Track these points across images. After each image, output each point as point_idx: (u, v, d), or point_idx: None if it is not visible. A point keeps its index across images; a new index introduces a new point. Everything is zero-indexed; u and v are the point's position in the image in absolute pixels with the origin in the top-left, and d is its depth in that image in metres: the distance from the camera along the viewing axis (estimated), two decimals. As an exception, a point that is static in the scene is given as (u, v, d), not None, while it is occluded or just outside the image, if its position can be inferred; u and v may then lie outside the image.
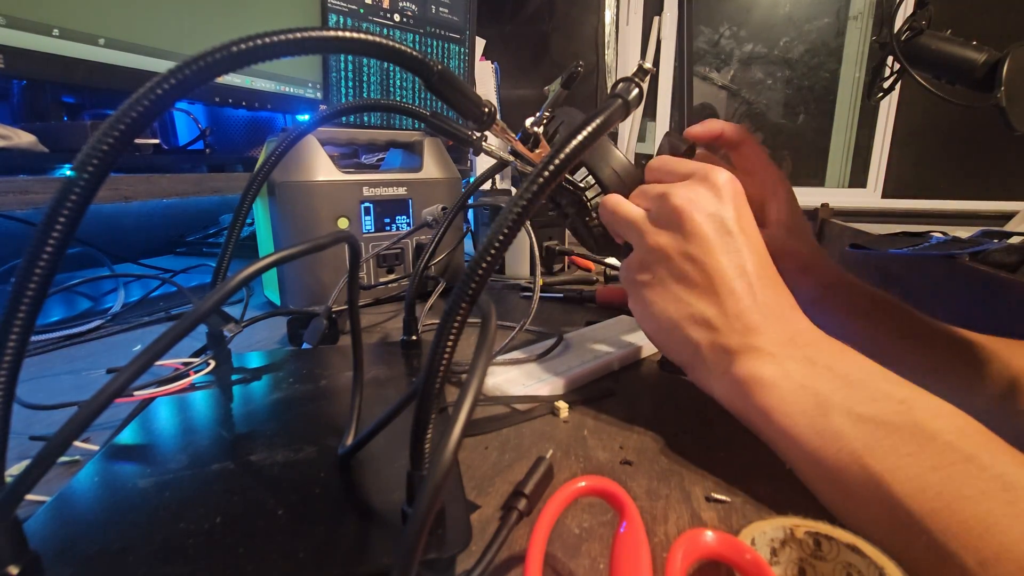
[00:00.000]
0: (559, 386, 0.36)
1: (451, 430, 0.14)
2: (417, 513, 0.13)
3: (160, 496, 0.22)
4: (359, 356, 0.26)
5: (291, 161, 0.51)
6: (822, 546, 0.19)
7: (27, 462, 0.14)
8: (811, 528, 0.20)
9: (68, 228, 0.14)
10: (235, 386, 0.34)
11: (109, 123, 0.14)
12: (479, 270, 0.17)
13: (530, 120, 0.47)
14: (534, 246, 0.41)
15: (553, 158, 0.19)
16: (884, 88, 0.70)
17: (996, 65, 0.62)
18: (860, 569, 0.18)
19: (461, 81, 0.26)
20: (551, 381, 0.36)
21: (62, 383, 0.39)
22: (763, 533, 0.20)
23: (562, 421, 0.32)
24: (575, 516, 0.23)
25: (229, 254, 0.34)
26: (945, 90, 0.70)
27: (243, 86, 0.71)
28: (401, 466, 0.19)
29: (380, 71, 0.89)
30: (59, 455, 0.14)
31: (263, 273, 0.18)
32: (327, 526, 0.20)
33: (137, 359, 0.14)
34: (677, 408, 0.34)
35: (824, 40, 2.48)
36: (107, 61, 0.56)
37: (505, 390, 0.35)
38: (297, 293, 0.53)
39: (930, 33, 0.65)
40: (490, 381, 0.36)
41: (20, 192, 0.46)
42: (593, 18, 1.97)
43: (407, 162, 0.63)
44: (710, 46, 2.55)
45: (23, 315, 0.14)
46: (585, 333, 0.45)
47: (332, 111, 0.35)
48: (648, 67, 0.27)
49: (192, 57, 0.15)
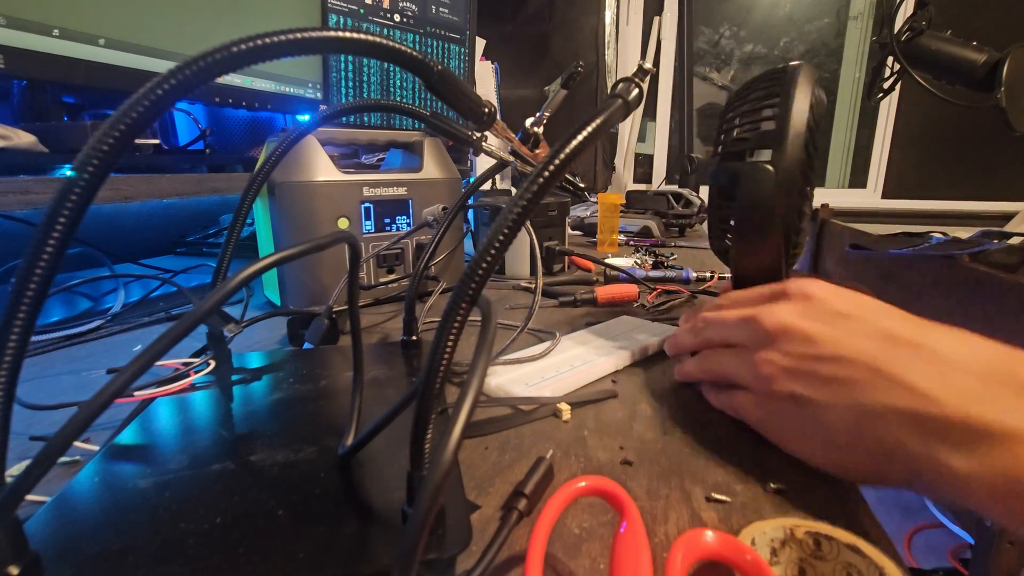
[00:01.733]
0: (562, 387, 0.36)
1: (451, 430, 0.14)
2: (417, 513, 0.13)
3: (160, 496, 0.22)
4: (359, 356, 0.26)
5: (291, 161, 0.51)
6: (822, 546, 0.19)
7: (27, 462, 0.14)
8: (811, 528, 0.20)
9: (68, 228, 0.14)
10: (235, 386, 0.34)
11: (109, 123, 0.14)
12: (479, 270, 0.17)
13: (530, 120, 0.47)
14: (535, 246, 0.41)
15: (553, 158, 0.19)
16: (884, 88, 0.70)
17: (996, 65, 0.62)
18: (860, 569, 0.18)
19: (461, 81, 0.26)
20: (553, 382, 0.35)
21: (62, 383, 0.39)
22: (763, 533, 0.20)
23: (563, 422, 0.32)
24: (575, 516, 0.23)
25: (229, 254, 0.34)
26: (945, 90, 0.70)
27: (243, 86, 0.71)
28: (401, 466, 0.19)
29: (380, 71, 0.89)
30: (59, 455, 0.14)
31: (263, 273, 0.18)
32: (327, 526, 0.20)
33: (137, 359, 0.14)
34: (677, 408, 0.34)
35: (824, 40, 2.48)
36: (107, 61, 0.56)
37: (509, 391, 0.35)
38: (297, 293, 0.53)
39: (930, 33, 0.65)
40: (493, 382, 0.36)
41: (20, 192, 0.46)
42: (593, 18, 1.97)
43: (407, 162, 0.63)
44: (710, 46, 2.55)
45: (23, 315, 0.14)
46: (586, 333, 0.45)
47: (332, 111, 0.35)
48: (648, 67, 0.27)
49: (192, 57, 0.15)
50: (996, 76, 0.68)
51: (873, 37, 2.24)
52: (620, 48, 2.10)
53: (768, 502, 0.25)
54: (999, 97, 0.68)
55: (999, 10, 1.96)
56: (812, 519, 0.20)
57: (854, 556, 0.18)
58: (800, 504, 0.24)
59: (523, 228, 0.30)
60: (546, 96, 0.48)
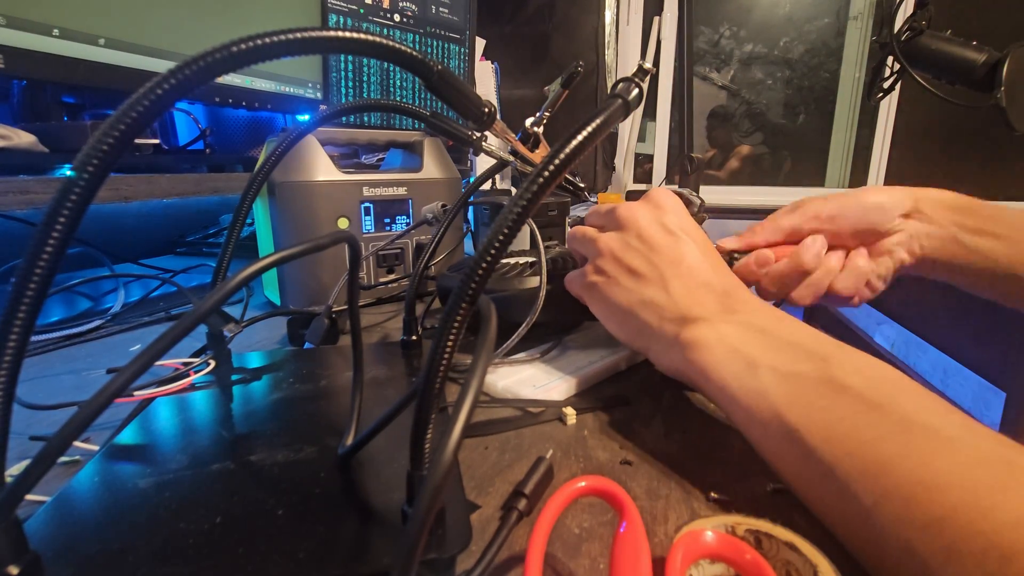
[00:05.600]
0: (569, 388, 0.35)
1: (451, 430, 0.14)
2: (417, 513, 0.13)
3: (160, 496, 0.22)
4: (359, 356, 0.26)
5: (291, 161, 0.51)
6: (763, 544, 0.19)
7: (27, 462, 0.14)
8: (752, 526, 0.20)
9: (68, 228, 0.14)
10: (235, 386, 0.34)
11: (109, 123, 0.14)
12: (479, 270, 0.17)
13: (530, 120, 0.47)
14: (540, 245, 0.41)
15: (553, 158, 0.19)
16: (884, 88, 0.70)
17: (996, 65, 0.62)
18: (797, 567, 0.18)
19: (461, 81, 0.26)
20: (559, 384, 0.35)
21: (62, 383, 0.39)
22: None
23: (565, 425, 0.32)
24: (575, 516, 0.23)
25: (229, 254, 0.34)
26: (945, 90, 0.70)
27: (243, 86, 0.71)
28: (401, 466, 0.19)
29: (380, 71, 0.89)
30: (59, 455, 0.14)
31: (263, 273, 0.18)
32: (327, 526, 0.20)
33: (137, 359, 0.14)
34: (677, 408, 0.34)
35: (824, 40, 2.48)
36: (107, 61, 0.56)
37: (516, 392, 0.34)
38: (297, 293, 0.53)
39: (930, 33, 0.65)
40: (499, 384, 0.35)
41: (20, 192, 0.46)
42: (593, 18, 1.97)
43: (407, 162, 0.63)
44: (710, 46, 2.55)
45: (23, 315, 0.14)
46: (588, 333, 0.45)
47: (332, 111, 0.35)
48: (648, 67, 0.27)
49: (192, 57, 0.15)
50: (996, 76, 0.68)
51: (873, 37, 2.24)
52: (620, 48, 2.10)
53: (768, 502, 0.25)
54: (999, 97, 0.68)
55: (999, 10, 1.96)
56: (755, 517, 0.20)
57: (792, 554, 0.19)
58: (800, 503, 0.24)
59: (526, 226, 0.30)
60: (546, 96, 0.48)
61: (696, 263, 0.31)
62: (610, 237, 0.34)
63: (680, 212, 0.34)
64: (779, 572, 0.18)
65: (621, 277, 0.33)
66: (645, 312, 0.31)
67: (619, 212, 0.34)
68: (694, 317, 0.29)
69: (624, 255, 0.33)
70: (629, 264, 0.32)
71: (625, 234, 0.33)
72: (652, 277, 0.31)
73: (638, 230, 0.33)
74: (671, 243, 0.32)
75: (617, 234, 0.34)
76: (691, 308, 0.30)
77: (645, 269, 0.32)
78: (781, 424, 0.23)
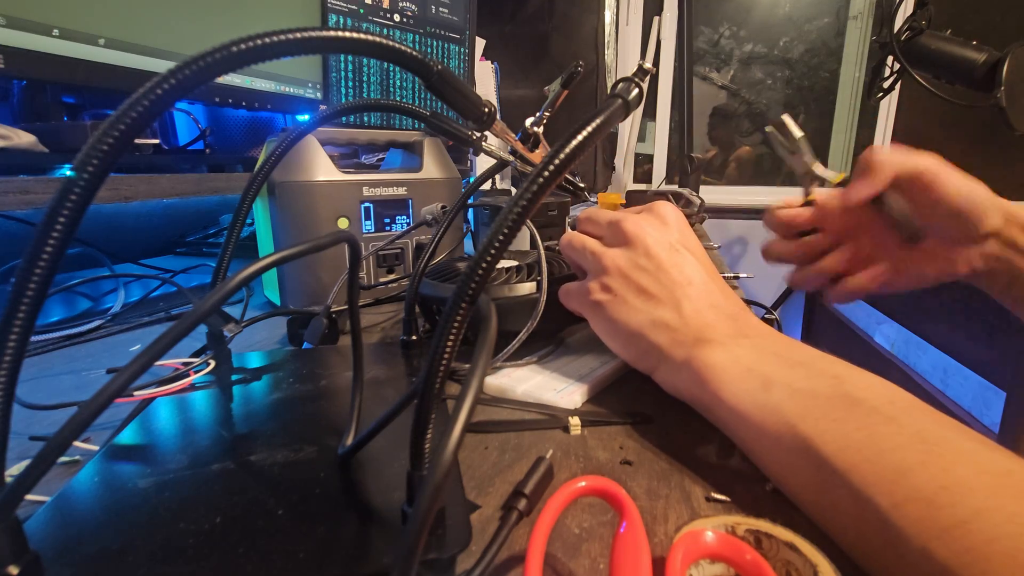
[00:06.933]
0: (581, 393, 0.34)
1: (451, 430, 0.14)
2: (417, 513, 0.13)
3: (160, 496, 0.22)
4: (359, 356, 0.26)
5: (291, 161, 0.51)
6: (763, 544, 0.19)
7: (27, 462, 0.14)
8: (752, 526, 0.20)
9: (68, 228, 0.14)
10: (235, 386, 0.34)
11: (109, 123, 0.14)
12: (479, 270, 0.17)
13: (530, 120, 0.47)
14: (539, 246, 0.41)
15: (553, 158, 0.19)
16: (884, 88, 0.70)
17: (996, 65, 0.62)
18: (797, 567, 0.18)
19: (461, 81, 0.26)
20: (571, 389, 0.34)
21: (62, 383, 0.39)
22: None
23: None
24: (575, 516, 0.23)
25: (229, 254, 0.34)
26: (945, 90, 0.70)
27: (243, 86, 0.71)
28: (401, 466, 0.19)
29: (380, 71, 0.89)
30: (59, 455, 0.14)
31: (263, 273, 0.18)
32: (327, 526, 0.20)
33: (137, 359, 0.14)
34: (677, 408, 0.34)
35: (824, 40, 2.48)
36: (107, 61, 0.56)
37: (538, 396, 0.34)
38: (297, 293, 0.53)
39: (930, 33, 0.65)
40: (519, 388, 0.35)
41: (20, 192, 0.46)
42: (593, 18, 1.97)
43: (407, 162, 0.63)
44: (710, 46, 2.55)
45: (23, 315, 0.14)
46: (590, 333, 0.45)
47: (332, 111, 0.35)
48: (648, 67, 0.27)
49: (192, 57, 0.15)
50: (996, 76, 0.68)
51: (873, 37, 2.24)
52: (620, 48, 2.10)
53: (768, 502, 0.25)
54: (999, 96, 0.68)
55: (999, 10, 1.96)
56: (754, 517, 0.20)
57: (792, 554, 0.19)
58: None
59: (525, 227, 0.30)
60: (546, 96, 0.48)
61: (705, 285, 0.31)
62: (617, 254, 0.33)
63: (685, 229, 0.33)
64: (779, 572, 0.18)
65: (630, 296, 0.32)
66: (655, 333, 0.31)
67: (626, 227, 0.33)
68: (707, 339, 0.29)
69: (632, 273, 0.32)
70: (638, 283, 0.32)
71: (632, 251, 0.32)
72: (663, 297, 0.31)
73: (646, 248, 0.32)
74: (679, 263, 0.32)
75: (624, 251, 0.33)
76: (703, 330, 0.29)
77: (655, 289, 0.31)
78: (794, 436, 0.23)
